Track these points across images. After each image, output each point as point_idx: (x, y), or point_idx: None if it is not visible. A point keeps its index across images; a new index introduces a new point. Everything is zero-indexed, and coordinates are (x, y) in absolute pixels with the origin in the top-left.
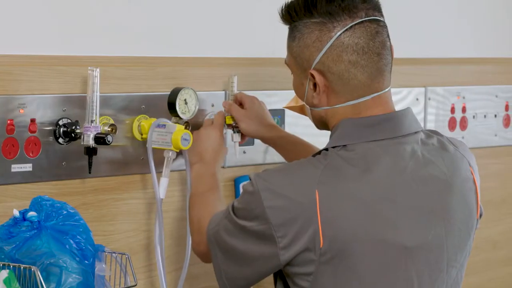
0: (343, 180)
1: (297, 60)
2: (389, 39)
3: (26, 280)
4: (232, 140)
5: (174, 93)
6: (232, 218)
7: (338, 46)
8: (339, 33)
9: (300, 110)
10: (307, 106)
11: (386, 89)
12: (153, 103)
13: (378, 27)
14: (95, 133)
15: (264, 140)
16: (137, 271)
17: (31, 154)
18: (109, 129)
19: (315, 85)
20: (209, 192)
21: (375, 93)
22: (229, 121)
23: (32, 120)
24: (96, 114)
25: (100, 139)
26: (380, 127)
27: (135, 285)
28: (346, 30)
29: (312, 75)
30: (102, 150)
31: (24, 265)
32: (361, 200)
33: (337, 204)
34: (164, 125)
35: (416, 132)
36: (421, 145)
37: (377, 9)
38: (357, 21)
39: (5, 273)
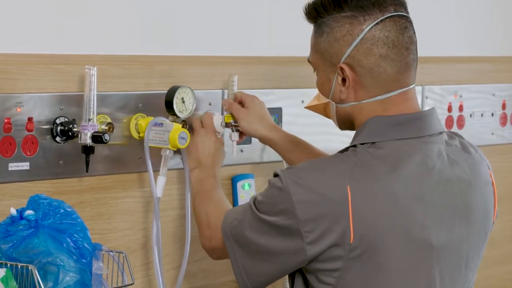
0: (374, 177)
1: (324, 56)
2: (415, 35)
3: (24, 278)
4: (231, 138)
5: (172, 92)
6: (254, 213)
7: (369, 39)
8: (370, 26)
9: (323, 109)
10: (333, 103)
11: (412, 85)
12: (150, 101)
13: (406, 22)
14: (92, 131)
15: (264, 139)
16: (135, 270)
17: (28, 153)
18: (106, 128)
19: (343, 80)
20: (213, 190)
21: (402, 88)
22: (228, 119)
23: (29, 119)
24: (93, 113)
25: (97, 138)
26: (408, 125)
27: (132, 283)
28: (377, 23)
29: (342, 69)
30: (99, 149)
31: (21, 264)
32: (391, 197)
33: (368, 201)
34: (162, 123)
35: (440, 133)
36: (446, 146)
37: (404, 6)
38: (387, 15)
39: (2, 272)
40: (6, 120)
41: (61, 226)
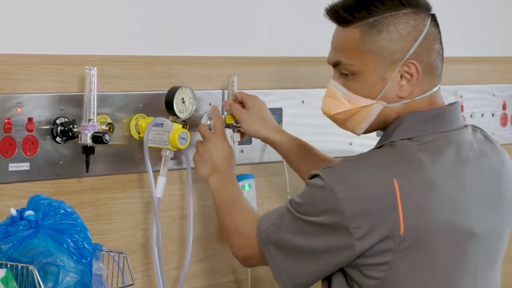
0: (419, 168)
1: (381, 55)
2: None
3: (24, 279)
4: (232, 139)
5: (172, 92)
6: (294, 215)
7: (430, 34)
8: (429, 21)
9: (352, 115)
10: (380, 104)
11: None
12: (150, 102)
13: None
14: (93, 132)
15: (267, 141)
16: (135, 270)
17: (28, 153)
18: (107, 128)
19: (403, 76)
20: (236, 197)
21: (439, 83)
22: (229, 120)
23: (30, 119)
24: (93, 113)
25: (98, 138)
26: (441, 119)
27: (133, 284)
28: (432, 19)
29: (408, 66)
30: (99, 149)
31: (21, 264)
32: (435, 187)
33: (415, 192)
34: (162, 124)
35: (465, 126)
36: (473, 137)
37: None
38: (432, 12)
39: (2, 272)
40: (6, 121)
41: (61, 226)
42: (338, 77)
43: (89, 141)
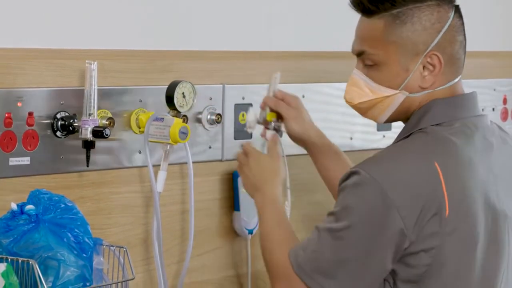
0: (456, 150)
1: (404, 46)
2: None
3: (24, 273)
4: (265, 136)
5: (172, 87)
6: (334, 231)
7: (453, 26)
8: (453, 13)
9: (374, 105)
10: (403, 94)
11: None
12: (150, 96)
13: None
14: (93, 126)
15: (308, 144)
16: (135, 265)
17: (29, 148)
18: (107, 123)
19: (425, 67)
20: (273, 225)
21: (461, 73)
22: (270, 117)
23: (30, 114)
24: (94, 108)
25: (98, 133)
26: (466, 106)
27: (133, 278)
28: (455, 11)
29: (432, 57)
30: (100, 144)
31: (22, 259)
32: (473, 167)
33: (456, 173)
34: (162, 118)
35: (483, 114)
36: (492, 125)
37: None
38: (455, 3)
39: (3, 267)
40: (6, 115)
41: (61, 221)
42: (362, 67)
43: (89, 136)
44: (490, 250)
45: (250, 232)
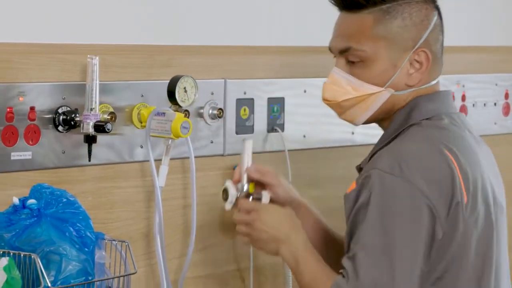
0: (456, 136)
1: (395, 41)
2: None
3: (26, 267)
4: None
5: (174, 81)
6: (370, 247)
7: (438, 25)
8: (436, 12)
9: (358, 102)
10: (389, 91)
11: None
12: (152, 91)
13: None
14: (95, 121)
15: (297, 203)
16: (137, 259)
17: (30, 142)
18: (109, 117)
19: (413, 64)
20: (300, 274)
21: (440, 73)
22: (253, 188)
23: (32, 108)
24: (95, 102)
25: (100, 127)
26: (448, 102)
27: (135, 272)
28: (437, 10)
29: (420, 53)
30: (101, 138)
31: (24, 253)
32: (477, 157)
33: (465, 159)
34: (164, 113)
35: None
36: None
37: None
38: (436, 3)
39: (5, 261)
40: (8, 109)
41: (63, 215)
42: (344, 65)
43: (91, 130)
44: (499, 237)
45: None
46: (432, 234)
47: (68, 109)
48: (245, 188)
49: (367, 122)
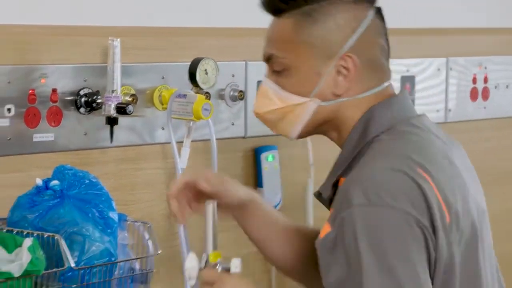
0: (423, 147)
1: (316, 46)
2: None
3: (50, 248)
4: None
5: (195, 63)
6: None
7: (372, 27)
8: (372, 14)
9: (283, 114)
10: (314, 102)
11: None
12: (173, 73)
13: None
14: (116, 103)
15: (243, 204)
16: (159, 240)
17: (52, 124)
18: (130, 99)
19: (339, 72)
20: None
21: (389, 79)
22: (214, 258)
23: (54, 90)
24: (117, 84)
25: (121, 109)
26: (407, 106)
27: (158, 254)
28: (377, 11)
29: (346, 59)
30: (123, 120)
31: (47, 233)
32: (450, 167)
33: (440, 173)
34: (185, 95)
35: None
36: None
37: None
38: (377, 5)
39: (29, 241)
40: (30, 91)
41: (86, 196)
42: (271, 74)
43: (112, 112)
44: (490, 249)
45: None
46: (428, 255)
47: (90, 91)
48: (210, 257)
49: (304, 135)
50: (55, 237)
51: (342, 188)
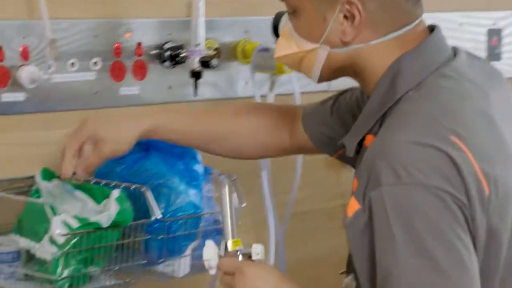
0: (456, 109)
1: None
2: None
3: (137, 200)
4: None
5: (278, 17)
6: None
7: None
8: None
9: (298, 60)
10: (325, 49)
11: (422, 16)
12: (256, 27)
13: None
14: (200, 56)
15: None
16: (244, 193)
17: (138, 77)
18: (214, 53)
19: (345, 18)
20: None
21: (415, 20)
22: (235, 246)
23: (139, 44)
24: (201, 38)
25: (205, 63)
26: (437, 50)
27: (243, 207)
28: None
29: (350, 4)
30: (206, 74)
31: (135, 185)
32: (487, 124)
33: (476, 137)
34: (268, 49)
35: (454, 52)
36: (468, 58)
37: None
38: None
39: (117, 193)
40: (116, 45)
41: (172, 149)
42: (288, 15)
43: (196, 66)
44: None
45: None
46: (469, 231)
47: (174, 45)
48: (229, 245)
49: (326, 79)
50: (142, 189)
51: (369, 157)
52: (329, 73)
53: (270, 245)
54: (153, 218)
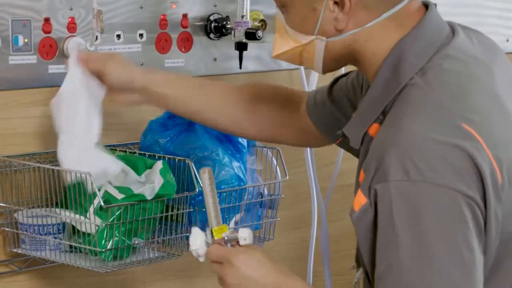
0: (464, 92)
1: None
2: None
3: (181, 172)
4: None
5: None
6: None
7: None
8: None
9: (298, 54)
10: (321, 40)
11: None
12: None
13: None
14: (246, 28)
15: (134, 87)
16: (288, 166)
17: (183, 50)
18: (259, 25)
19: (336, 4)
20: None
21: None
22: (219, 233)
23: (184, 16)
24: (246, 10)
25: (251, 35)
26: (436, 28)
27: (286, 179)
28: None
29: None
30: (252, 46)
31: (178, 158)
32: (496, 104)
33: (487, 120)
34: None
35: (452, 29)
36: (466, 33)
37: None
38: None
39: (160, 164)
40: (162, 17)
41: None
42: (279, 9)
43: (242, 38)
44: None
45: None
46: (480, 231)
47: (220, 16)
48: (213, 233)
49: (331, 70)
50: (186, 161)
51: (377, 148)
52: (332, 63)
53: (313, 218)
54: (197, 191)
